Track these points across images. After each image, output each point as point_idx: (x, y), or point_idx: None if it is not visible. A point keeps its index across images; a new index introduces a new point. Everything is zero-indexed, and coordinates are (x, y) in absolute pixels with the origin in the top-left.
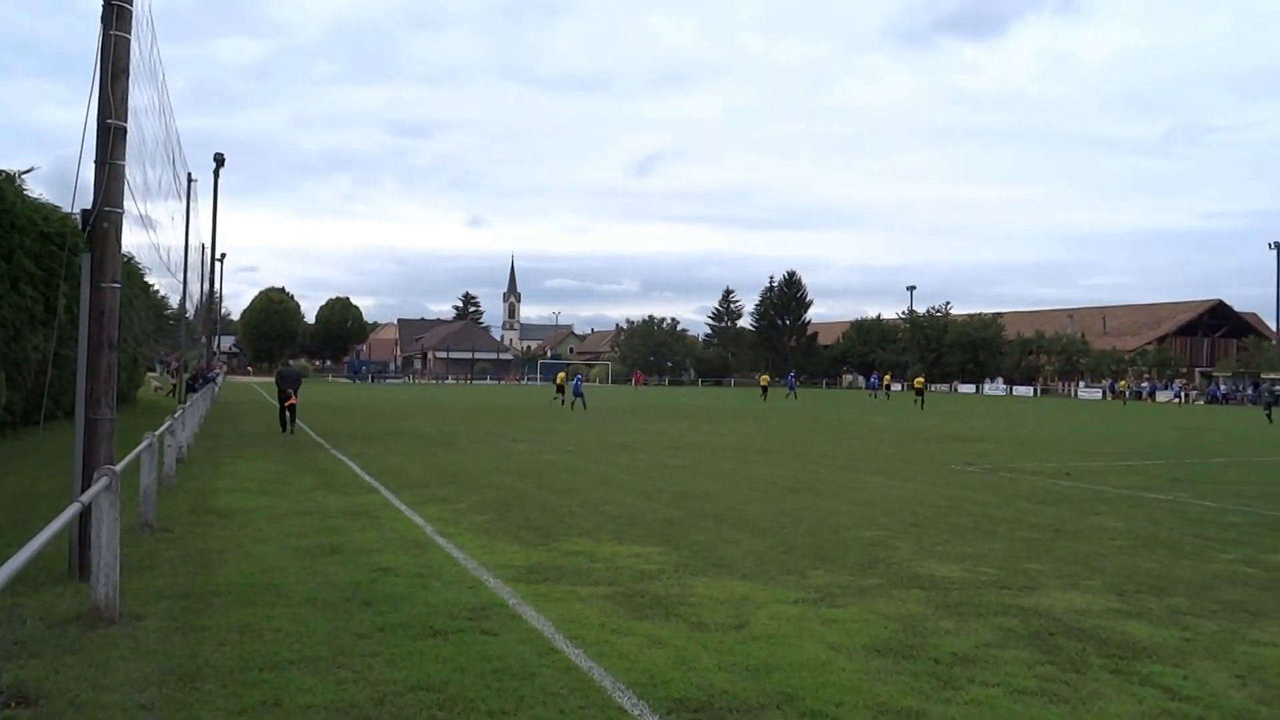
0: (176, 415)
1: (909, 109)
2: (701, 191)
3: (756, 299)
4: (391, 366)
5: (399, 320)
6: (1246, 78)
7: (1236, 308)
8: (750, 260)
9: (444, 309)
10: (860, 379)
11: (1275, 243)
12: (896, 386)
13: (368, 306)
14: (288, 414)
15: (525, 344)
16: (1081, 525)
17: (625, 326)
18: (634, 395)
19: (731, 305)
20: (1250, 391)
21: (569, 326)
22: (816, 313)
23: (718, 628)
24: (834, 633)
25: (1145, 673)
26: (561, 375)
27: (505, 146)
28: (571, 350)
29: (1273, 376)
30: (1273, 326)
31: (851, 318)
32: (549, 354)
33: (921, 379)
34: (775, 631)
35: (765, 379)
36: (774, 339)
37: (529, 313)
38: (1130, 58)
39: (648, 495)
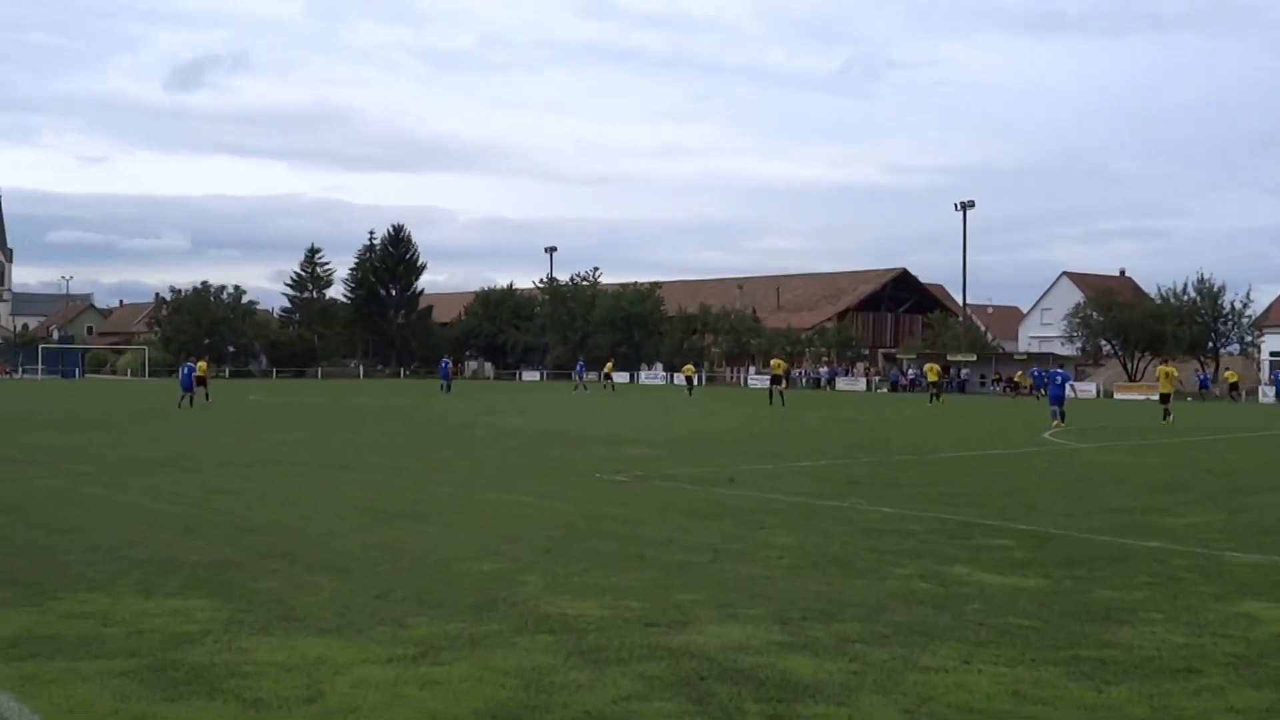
0: None
1: (541, 20)
2: (273, 114)
3: (352, 262)
4: None
5: None
6: (929, 5)
7: (922, 278)
8: (343, 209)
9: None
10: (488, 366)
11: (961, 203)
12: (620, 377)
13: None
14: None
15: (20, 321)
16: (745, 543)
17: (169, 298)
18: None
19: (318, 270)
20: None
21: (86, 297)
22: (431, 280)
23: (282, 704)
24: (437, 698)
25: (807, 716)
26: (202, 364)
27: None
28: (91, 330)
29: (959, 359)
30: (958, 299)
31: (476, 287)
32: (57, 335)
33: (691, 366)
34: (359, 703)
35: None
36: (376, 314)
37: (26, 277)
38: None
39: (192, 530)
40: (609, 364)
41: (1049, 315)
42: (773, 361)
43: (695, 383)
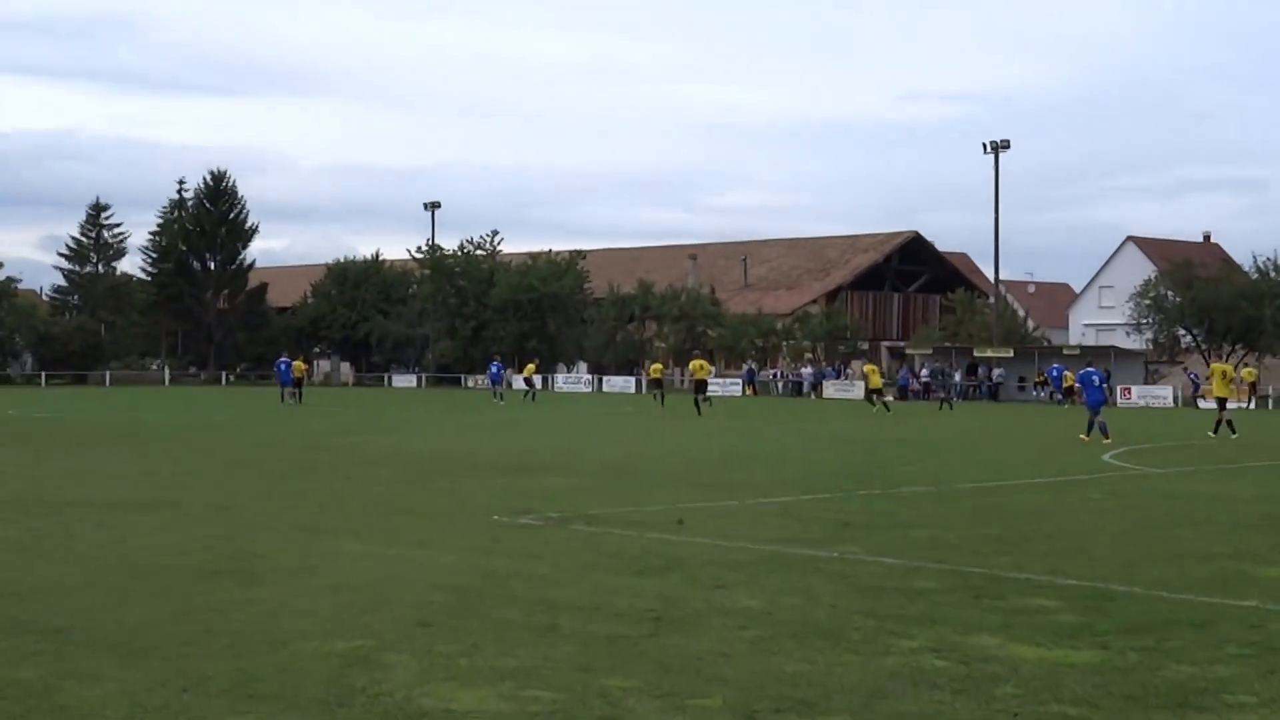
0: None
1: None
2: (39, 15)
3: (154, 223)
4: None
5: None
6: None
7: (939, 245)
8: (140, 151)
9: None
10: (345, 368)
11: (992, 144)
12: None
13: None
14: None
15: None
16: (697, 607)
17: None
18: None
19: (106, 235)
20: (957, 379)
21: None
22: (266, 249)
23: None
24: None
25: None
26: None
27: None
28: None
29: (989, 354)
30: (988, 274)
31: (328, 258)
32: None
33: (659, 366)
34: None
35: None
36: (189, 296)
37: None
38: None
39: None
40: (530, 366)
41: (1110, 295)
42: (693, 364)
43: (660, 388)
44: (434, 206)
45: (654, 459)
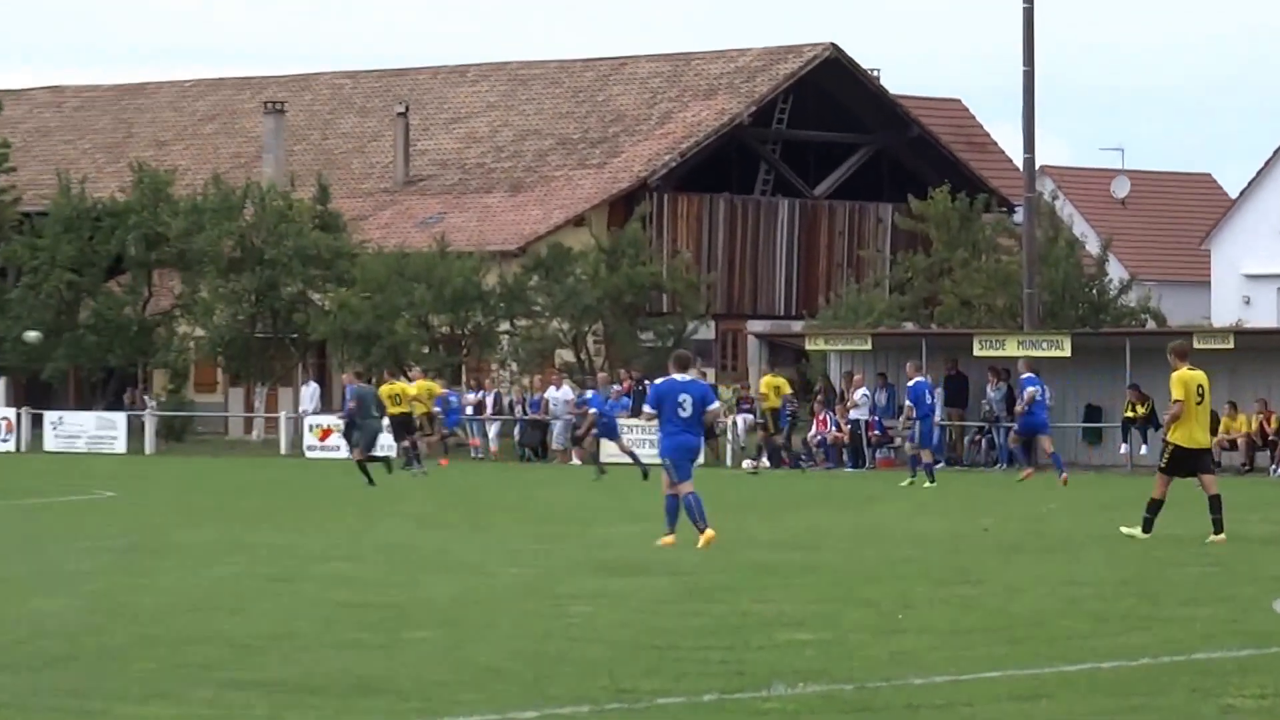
0: None
1: None
2: None
3: None
4: None
5: None
6: None
7: (890, 81)
8: None
9: None
10: None
11: None
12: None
13: None
14: None
15: None
16: None
17: None
18: None
19: None
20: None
21: None
22: None
23: None
24: None
25: None
26: None
27: None
28: None
29: (1018, 351)
30: (1012, 153)
31: None
32: None
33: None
34: None
35: None
36: None
37: None
38: None
39: None
40: None
41: None
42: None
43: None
44: None
45: (159, 614)
